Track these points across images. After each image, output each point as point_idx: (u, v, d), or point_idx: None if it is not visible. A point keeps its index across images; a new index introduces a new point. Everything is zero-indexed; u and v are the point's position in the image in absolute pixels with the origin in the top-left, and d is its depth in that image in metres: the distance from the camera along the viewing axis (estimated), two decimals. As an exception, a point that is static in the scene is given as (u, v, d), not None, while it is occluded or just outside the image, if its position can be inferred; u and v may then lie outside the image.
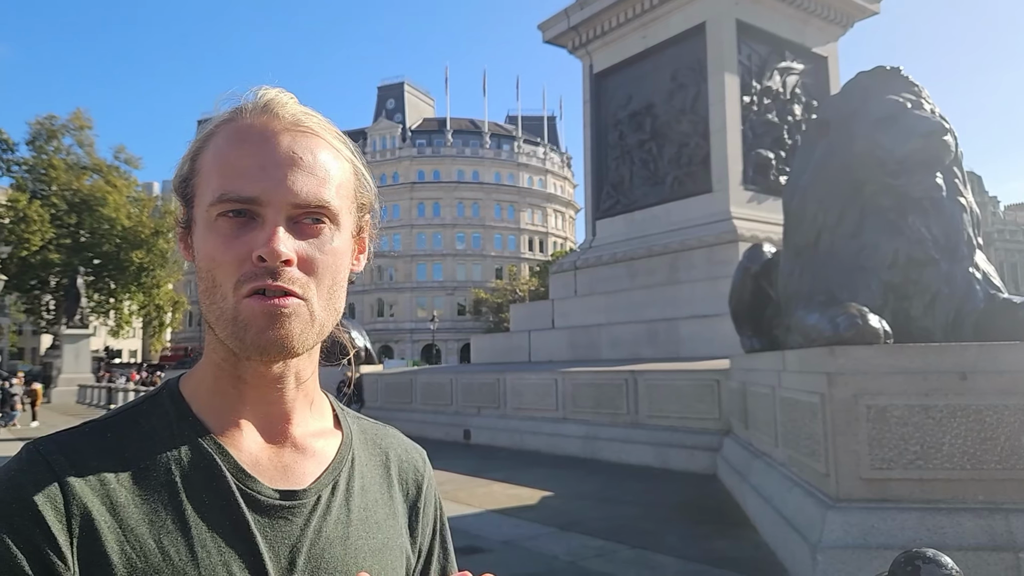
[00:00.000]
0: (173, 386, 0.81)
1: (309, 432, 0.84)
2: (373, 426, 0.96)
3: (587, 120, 17.12)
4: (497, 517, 7.05)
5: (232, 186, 0.73)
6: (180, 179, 0.80)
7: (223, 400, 0.79)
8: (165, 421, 0.77)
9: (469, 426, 13.37)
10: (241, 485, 0.75)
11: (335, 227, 0.78)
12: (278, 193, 0.73)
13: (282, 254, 0.72)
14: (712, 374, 9.34)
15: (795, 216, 5.96)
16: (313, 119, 0.79)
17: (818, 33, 15.53)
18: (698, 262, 13.58)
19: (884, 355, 4.49)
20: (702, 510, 7.01)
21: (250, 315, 0.72)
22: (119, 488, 0.70)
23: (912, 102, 5.30)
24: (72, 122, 40.99)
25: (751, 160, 14.20)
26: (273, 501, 0.75)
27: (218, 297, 0.74)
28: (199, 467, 0.74)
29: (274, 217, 0.73)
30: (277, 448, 0.81)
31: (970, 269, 5.23)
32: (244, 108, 0.78)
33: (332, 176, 0.78)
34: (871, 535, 4.16)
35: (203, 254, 0.75)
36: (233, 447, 0.77)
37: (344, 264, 0.80)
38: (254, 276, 0.72)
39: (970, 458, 4.17)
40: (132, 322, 47.03)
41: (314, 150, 0.77)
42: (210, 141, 0.78)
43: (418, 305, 70.13)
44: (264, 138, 0.75)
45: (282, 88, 0.81)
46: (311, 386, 0.85)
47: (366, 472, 0.88)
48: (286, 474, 0.79)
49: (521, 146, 78.31)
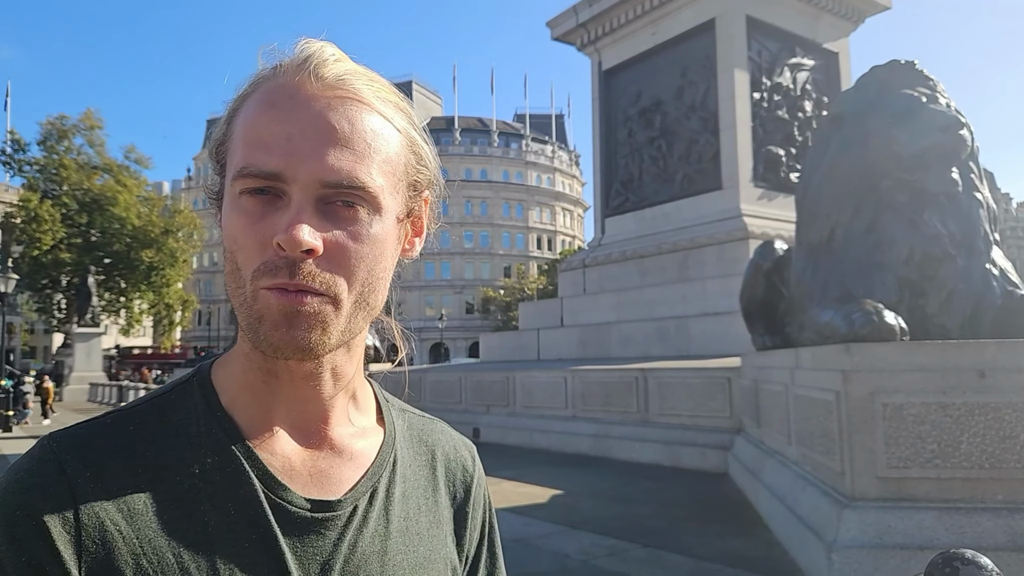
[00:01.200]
0: (205, 373, 0.74)
1: (349, 432, 0.77)
2: (420, 420, 0.89)
3: (596, 117, 17.05)
4: (508, 515, 7.02)
5: (254, 158, 0.64)
6: (216, 143, 0.71)
7: (254, 395, 0.72)
8: (193, 415, 0.70)
9: (478, 424, 13.34)
10: (270, 494, 0.67)
11: (375, 211, 0.67)
12: (304, 169, 0.63)
13: (304, 243, 0.62)
14: (723, 372, 9.28)
15: (808, 212, 5.90)
16: (360, 79, 0.68)
17: (829, 28, 15.41)
18: (709, 259, 13.51)
19: (901, 352, 4.43)
20: (714, 509, 6.96)
21: (265, 308, 0.65)
22: (138, 493, 0.63)
23: (927, 96, 5.23)
24: (83, 122, 41.21)
25: (761, 157, 14.11)
26: (304, 513, 0.68)
27: (240, 282, 0.66)
28: (225, 472, 0.67)
29: (300, 198, 0.64)
30: (313, 451, 0.73)
31: (987, 265, 5.17)
32: (282, 65, 0.68)
33: (375, 150, 0.67)
34: (888, 535, 4.11)
35: (227, 233, 0.67)
36: (263, 450, 0.70)
37: (386, 253, 0.70)
38: (274, 269, 0.64)
39: (989, 457, 4.11)
40: (143, 321, 47.28)
41: (354, 118, 0.66)
42: (245, 102, 0.69)
43: (426, 304, 70.21)
44: (294, 102, 0.65)
45: (328, 41, 0.70)
46: (353, 379, 0.76)
47: (409, 475, 0.80)
48: (321, 481, 0.72)
49: (529, 144, 78.27)
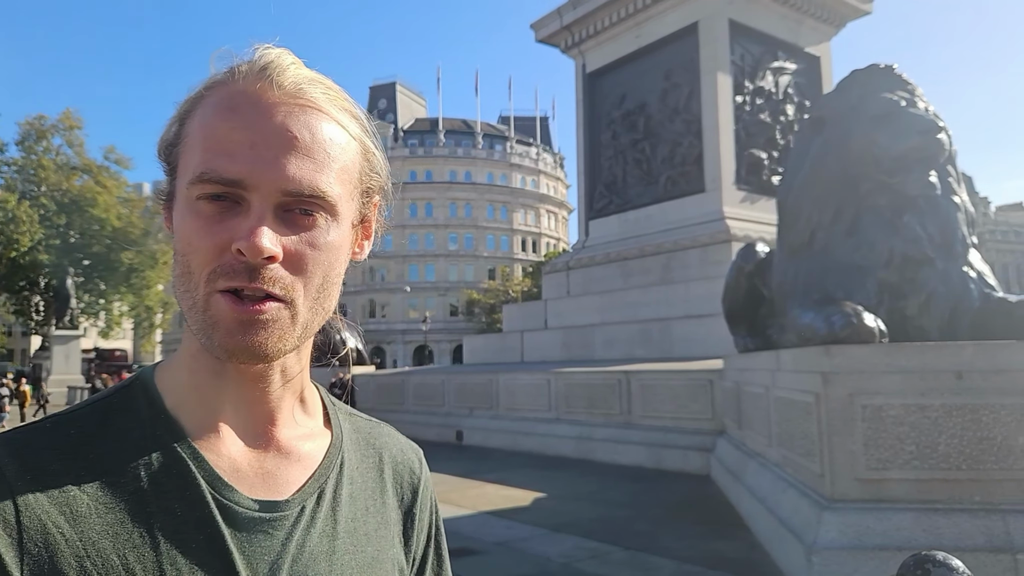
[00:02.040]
0: (147, 377, 0.73)
1: (296, 434, 0.76)
2: (367, 424, 0.88)
3: (580, 120, 17.10)
4: (490, 518, 6.99)
5: (215, 164, 0.64)
6: (165, 144, 0.70)
7: (200, 396, 0.71)
8: (136, 419, 0.68)
9: (462, 427, 13.30)
10: (217, 495, 0.67)
11: (332, 219, 0.68)
12: (267, 177, 0.64)
13: (265, 250, 0.63)
14: (706, 374, 9.31)
15: (790, 214, 5.92)
16: (318, 88, 0.69)
17: (811, 33, 15.55)
18: (692, 262, 13.57)
19: (880, 354, 4.46)
20: (696, 511, 6.97)
21: (220, 314, 0.64)
22: (81, 496, 0.62)
23: (907, 100, 5.28)
24: (62, 122, 40.70)
25: (744, 160, 14.20)
26: (252, 513, 0.68)
27: (191, 285, 0.66)
28: (171, 474, 0.66)
29: (260, 205, 0.64)
30: (259, 452, 0.73)
31: (965, 268, 5.22)
32: (239, 70, 0.68)
33: (333, 159, 0.68)
34: (867, 536, 4.12)
35: (180, 236, 0.66)
36: (210, 451, 0.69)
37: (340, 259, 0.71)
38: (231, 272, 0.64)
39: (967, 458, 4.14)
40: (122, 323, 46.75)
41: (314, 127, 0.67)
42: (199, 105, 0.68)
43: (410, 306, 69.97)
44: (257, 110, 0.65)
45: (286, 49, 0.70)
46: (299, 382, 0.77)
47: (356, 477, 0.80)
48: (268, 482, 0.72)
49: (514, 146, 78.30)
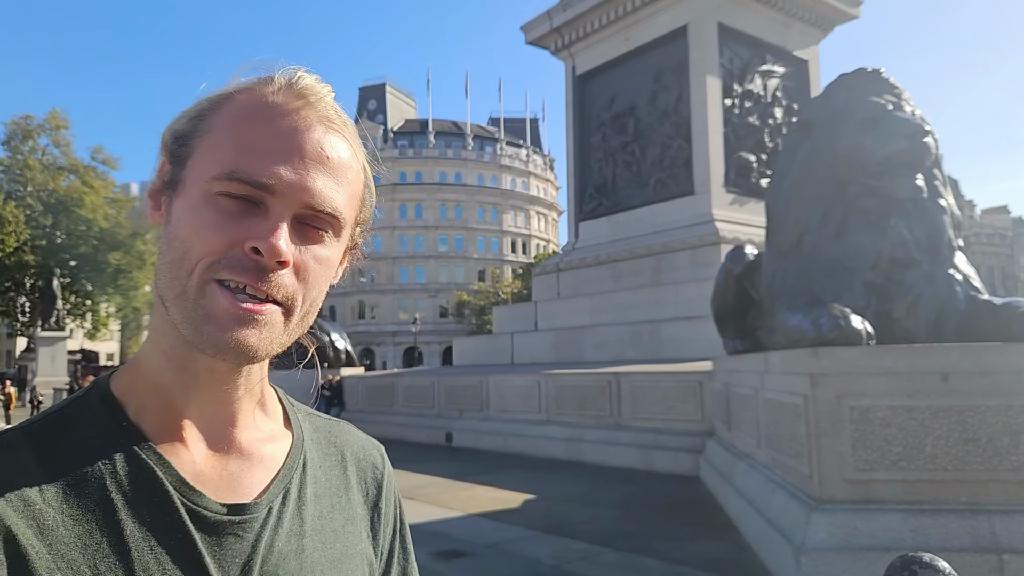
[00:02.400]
0: (103, 386, 0.72)
1: (257, 437, 0.77)
2: (327, 423, 0.89)
3: (570, 122, 17.13)
4: (480, 520, 6.99)
5: (248, 166, 0.66)
6: (175, 134, 0.71)
7: (163, 399, 0.71)
8: (97, 428, 0.68)
9: (452, 429, 13.29)
10: (185, 500, 0.67)
11: (335, 238, 0.72)
12: (294, 187, 0.66)
13: (282, 253, 0.65)
14: (695, 376, 9.35)
15: (778, 217, 5.96)
16: (343, 118, 0.73)
17: (799, 36, 15.65)
18: (681, 264, 13.62)
19: (867, 356, 4.49)
20: (686, 512, 7.00)
21: (215, 307, 0.65)
22: (47, 508, 0.61)
23: (894, 104, 5.32)
24: (48, 122, 40.42)
25: (733, 163, 14.27)
26: (221, 517, 0.68)
27: (182, 272, 0.66)
28: (138, 481, 0.66)
29: (281, 212, 0.66)
30: (222, 456, 0.73)
31: (951, 271, 5.26)
32: (274, 82, 0.70)
33: (350, 184, 0.72)
34: (855, 537, 4.15)
35: (185, 224, 0.67)
36: (174, 456, 0.69)
37: (330, 278, 0.74)
38: (238, 267, 0.65)
39: (953, 459, 4.18)
40: (109, 324, 46.42)
41: (340, 152, 0.71)
42: (226, 105, 0.70)
43: (400, 307, 69.83)
44: (294, 125, 0.68)
45: (318, 76, 0.74)
46: (260, 384, 0.78)
47: (320, 476, 0.81)
48: (232, 485, 0.72)
49: (504, 148, 78.30)
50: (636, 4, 15.20)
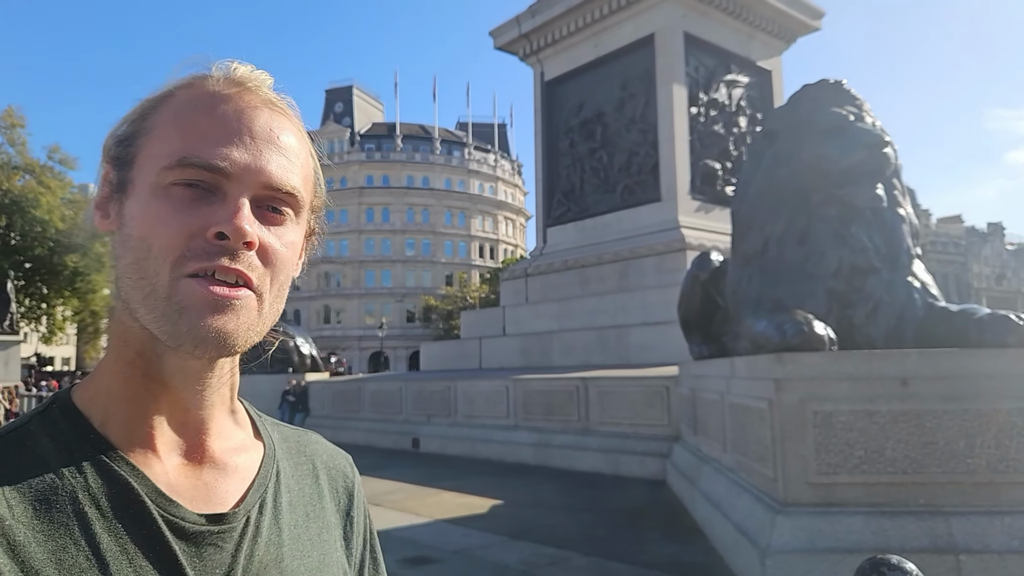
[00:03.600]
0: (64, 399, 0.70)
1: (229, 446, 0.76)
2: (295, 433, 0.89)
3: (538, 128, 17.20)
4: (448, 526, 6.96)
5: (199, 151, 0.65)
6: (118, 139, 0.70)
7: (131, 408, 0.69)
8: (61, 442, 0.66)
9: (419, 434, 13.21)
10: (163, 511, 0.65)
11: (296, 220, 0.71)
12: (250, 168, 0.66)
13: (247, 233, 0.64)
14: (662, 381, 9.44)
15: (743, 224, 6.06)
16: (287, 102, 0.73)
17: (762, 47, 15.95)
18: (648, 269, 13.76)
19: (830, 362, 4.58)
20: (654, 516, 7.06)
21: (189, 298, 0.63)
22: (16, 525, 0.59)
23: (855, 115, 5.45)
24: (3, 120, 39.23)
25: (699, 170, 14.47)
26: (200, 527, 0.67)
27: (150, 271, 0.64)
28: (111, 493, 0.64)
29: (238, 194, 0.65)
30: (195, 466, 0.72)
31: (909, 278, 5.40)
32: (212, 77, 0.70)
33: (303, 165, 0.72)
34: (818, 539, 4.23)
35: (141, 221, 0.65)
36: (147, 467, 0.67)
37: (295, 262, 0.73)
38: (204, 253, 0.63)
39: (912, 462, 4.28)
40: (66, 328, 45.21)
41: (288, 132, 0.71)
42: (166, 103, 0.69)
43: (366, 312, 69.24)
44: (239, 109, 0.68)
45: (252, 65, 0.74)
46: (231, 389, 0.77)
47: (293, 485, 0.81)
48: (207, 496, 0.71)
49: (472, 153, 78.26)
50: (604, 12, 15.36)
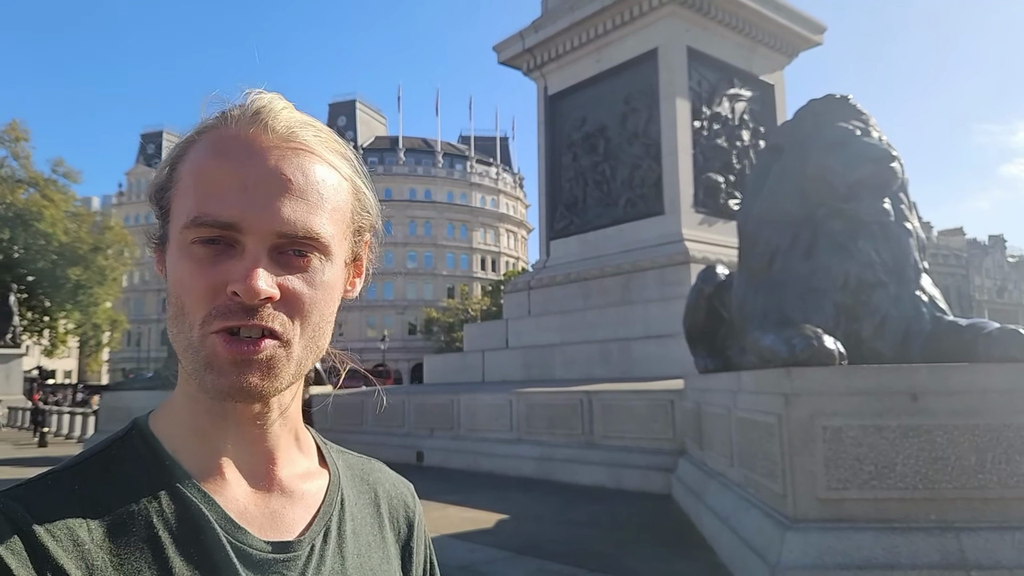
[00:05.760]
0: (143, 425, 0.73)
1: (296, 474, 0.77)
2: (359, 460, 0.91)
3: (541, 141, 17.26)
4: (453, 541, 6.91)
5: (208, 208, 0.65)
6: (157, 187, 0.72)
7: (201, 439, 0.71)
8: (140, 466, 0.68)
9: (422, 448, 13.16)
10: (231, 538, 0.67)
11: (326, 258, 0.70)
12: (261, 220, 0.65)
13: (261, 291, 0.64)
14: (666, 394, 9.40)
15: (749, 238, 6.06)
16: (309, 131, 0.71)
17: (764, 61, 16.02)
18: (651, 283, 13.74)
19: (839, 376, 4.56)
20: (659, 531, 7.01)
21: (213, 355, 0.65)
22: (95, 549, 0.60)
23: (861, 129, 5.46)
24: (7, 134, 39.43)
25: (702, 183, 14.49)
26: (266, 555, 0.69)
27: (185, 327, 0.67)
28: (184, 519, 0.66)
29: (255, 247, 0.65)
30: (263, 494, 0.74)
31: (917, 292, 5.39)
32: (231, 115, 0.70)
33: (326, 200, 0.70)
34: (828, 555, 4.19)
35: (174, 279, 0.68)
36: (218, 494, 0.69)
37: (334, 298, 0.73)
38: (227, 312, 0.65)
39: (922, 478, 4.25)
40: (68, 341, 45.22)
41: (307, 170, 0.69)
42: (191, 149, 0.70)
43: (368, 324, 69.29)
44: (249, 153, 0.67)
45: (278, 94, 0.72)
46: (295, 418, 0.78)
47: (356, 513, 0.82)
48: (275, 523, 0.72)
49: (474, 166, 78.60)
50: (607, 27, 15.44)
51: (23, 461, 15.13)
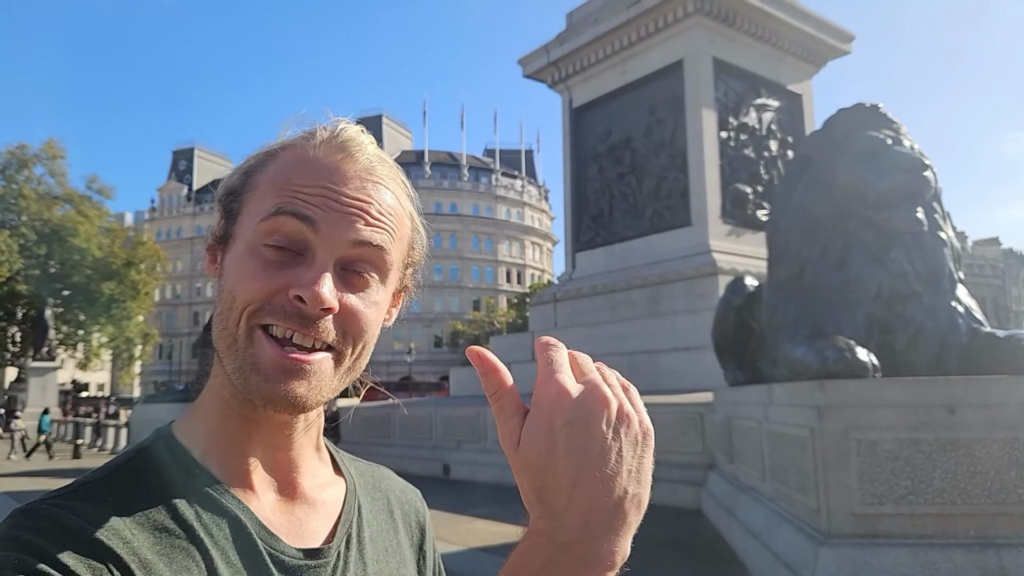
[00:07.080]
0: (167, 435, 0.74)
1: (316, 483, 0.79)
2: (369, 468, 0.93)
3: (566, 153, 17.28)
4: (481, 555, 6.89)
5: (293, 205, 0.68)
6: (227, 190, 0.75)
7: (230, 445, 0.72)
8: (168, 475, 0.69)
9: (449, 461, 13.17)
10: (266, 545, 0.69)
11: (381, 282, 0.73)
12: (337, 229, 0.68)
13: (326, 300, 0.65)
14: (695, 407, 9.31)
15: (779, 249, 6.00)
16: (386, 168, 0.74)
17: (792, 71, 15.90)
18: (678, 294, 13.64)
19: (873, 389, 4.49)
20: (689, 546, 6.92)
21: (262, 357, 0.66)
22: (142, 548, 0.61)
23: (892, 138, 5.39)
24: (44, 151, 40.50)
25: (729, 194, 14.38)
26: (298, 561, 0.70)
27: (231, 321, 0.67)
28: (222, 525, 0.67)
29: (324, 258, 0.67)
30: (288, 501, 0.76)
31: (952, 303, 5.29)
32: (317, 137, 0.72)
33: (394, 230, 0.73)
34: (864, 571, 4.11)
35: (234, 274, 0.69)
36: (248, 501, 0.71)
37: (380, 321, 0.75)
38: (283, 312, 0.66)
39: (960, 492, 4.16)
40: (101, 355, 46.06)
41: (383, 201, 0.72)
42: (272, 161, 0.73)
43: (394, 337, 69.56)
44: (334, 177, 0.70)
45: (362, 127, 0.76)
46: (317, 430, 0.80)
47: (372, 520, 0.84)
48: (300, 531, 0.74)
49: (499, 179, 78.91)
50: (632, 39, 15.45)
51: (58, 472, 15.41)
